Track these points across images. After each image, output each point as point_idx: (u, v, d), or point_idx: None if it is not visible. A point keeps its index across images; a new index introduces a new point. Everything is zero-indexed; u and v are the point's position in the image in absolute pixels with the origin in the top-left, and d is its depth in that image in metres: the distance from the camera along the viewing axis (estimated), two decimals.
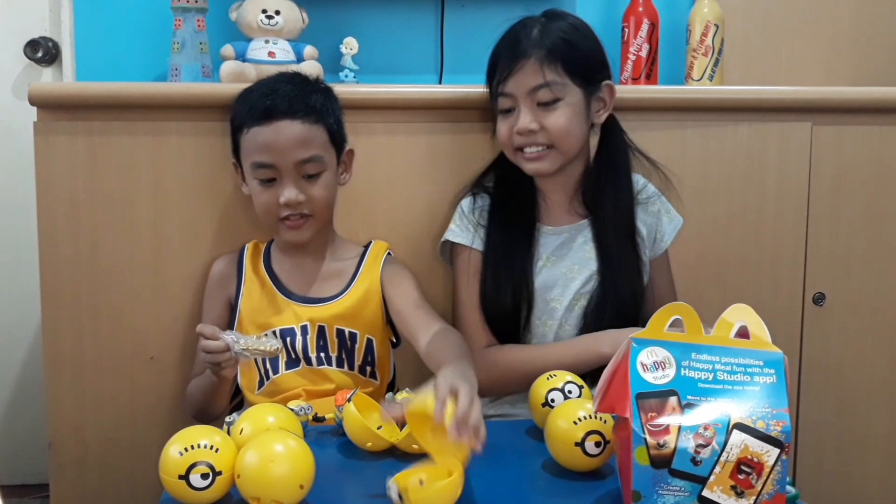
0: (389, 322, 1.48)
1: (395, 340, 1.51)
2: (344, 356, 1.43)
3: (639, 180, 1.53)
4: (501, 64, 1.42)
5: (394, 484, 0.96)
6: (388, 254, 1.51)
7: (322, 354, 1.42)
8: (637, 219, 1.50)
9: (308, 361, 1.42)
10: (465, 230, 1.49)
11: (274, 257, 1.49)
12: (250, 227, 1.53)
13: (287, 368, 1.42)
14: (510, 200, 1.49)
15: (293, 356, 1.42)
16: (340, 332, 1.43)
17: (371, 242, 1.53)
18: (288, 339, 1.42)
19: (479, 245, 1.48)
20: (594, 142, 1.50)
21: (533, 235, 1.48)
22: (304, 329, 1.42)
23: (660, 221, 1.52)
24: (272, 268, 1.48)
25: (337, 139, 1.43)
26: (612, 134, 1.50)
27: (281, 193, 1.37)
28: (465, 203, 1.51)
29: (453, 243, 1.50)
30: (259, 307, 1.44)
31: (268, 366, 1.43)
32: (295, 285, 1.46)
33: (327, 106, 1.42)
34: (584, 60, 1.42)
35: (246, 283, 1.46)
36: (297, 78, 1.45)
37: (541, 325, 1.47)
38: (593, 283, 1.47)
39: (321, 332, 1.42)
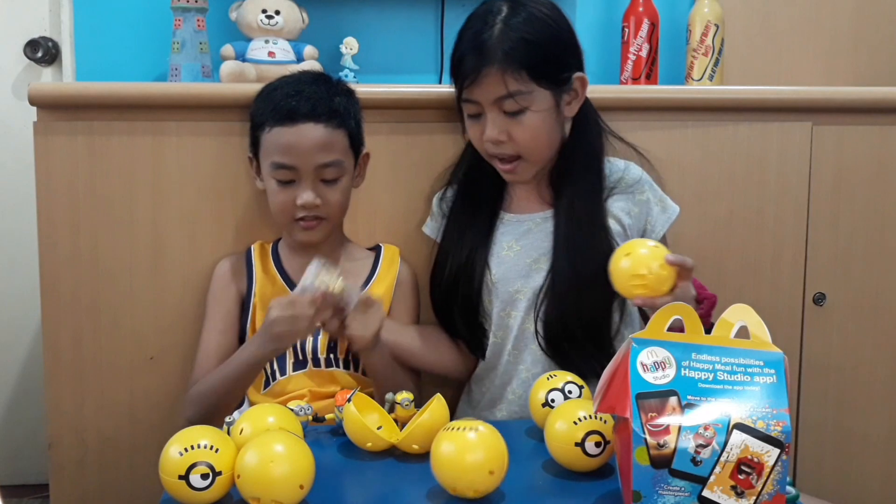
0: None
1: None
2: (351, 357, 1.43)
3: (618, 166, 1.47)
4: (464, 67, 1.36)
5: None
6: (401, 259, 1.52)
7: (332, 356, 1.42)
8: (615, 207, 1.43)
9: (316, 363, 1.42)
10: (434, 222, 1.51)
11: (284, 256, 1.48)
12: (250, 226, 1.53)
13: (294, 370, 1.41)
14: (475, 189, 1.47)
15: (300, 357, 1.42)
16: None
17: (381, 246, 1.53)
18: (298, 339, 1.41)
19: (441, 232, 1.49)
20: (568, 126, 1.45)
21: (493, 223, 1.46)
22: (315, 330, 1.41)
23: (649, 211, 1.45)
24: (283, 267, 1.47)
25: (356, 143, 1.43)
26: (584, 119, 1.44)
27: (298, 195, 1.37)
28: (437, 196, 1.52)
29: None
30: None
31: (274, 367, 1.42)
32: None
33: (349, 109, 1.42)
34: (549, 61, 1.35)
35: (257, 282, 1.46)
36: (322, 79, 1.45)
37: (505, 315, 1.44)
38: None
39: None
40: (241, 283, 1.47)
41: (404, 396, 1.17)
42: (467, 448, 0.97)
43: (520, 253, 1.44)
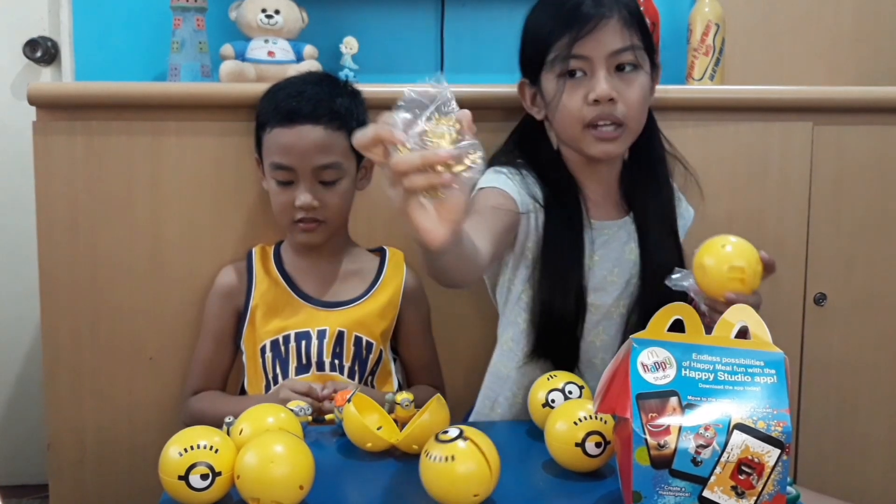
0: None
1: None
2: (357, 367, 1.42)
3: None
4: (580, 15, 1.24)
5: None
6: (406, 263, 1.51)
7: (336, 361, 1.41)
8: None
9: (320, 367, 1.41)
10: (513, 183, 1.29)
11: (286, 259, 1.48)
12: (251, 226, 1.53)
13: (297, 374, 1.41)
14: (551, 189, 1.32)
15: (304, 361, 1.41)
16: (358, 341, 1.41)
17: (385, 249, 1.52)
18: (303, 342, 1.40)
19: (525, 208, 1.28)
20: None
21: (582, 231, 1.32)
22: (321, 333, 1.41)
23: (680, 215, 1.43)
24: (285, 269, 1.46)
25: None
26: (650, 122, 1.38)
27: (296, 197, 1.37)
28: (506, 169, 1.31)
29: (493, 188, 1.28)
30: (273, 308, 1.43)
31: (277, 371, 1.41)
32: (310, 287, 1.45)
33: (352, 111, 1.41)
34: (649, 36, 1.31)
35: (257, 287, 1.44)
36: (326, 80, 1.45)
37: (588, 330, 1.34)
38: (633, 287, 1.35)
39: (339, 338, 1.41)
40: (239, 295, 1.45)
41: (404, 397, 1.16)
42: (454, 476, 0.94)
43: (599, 262, 1.34)
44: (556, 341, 1.33)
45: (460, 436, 0.95)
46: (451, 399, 1.18)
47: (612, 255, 1.36)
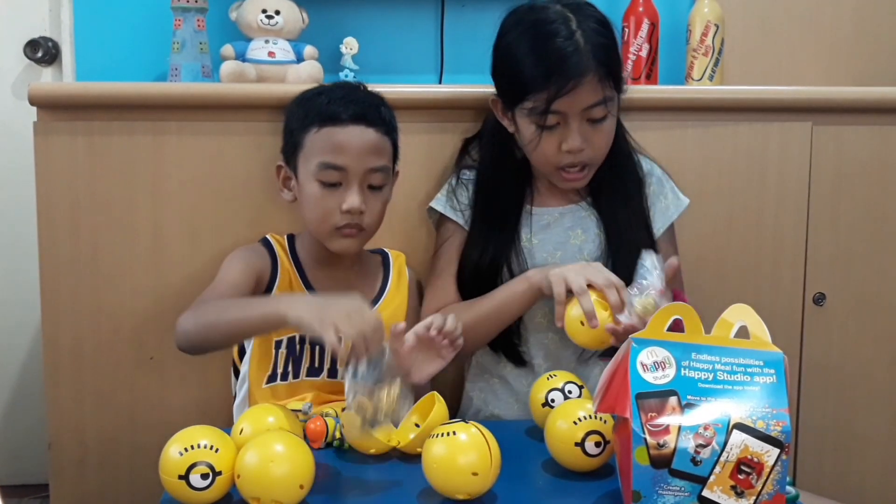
0: None
1: None
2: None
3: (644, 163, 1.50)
4: (558, 79, 1.30)
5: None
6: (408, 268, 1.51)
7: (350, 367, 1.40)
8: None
9: (332, 374, 1.39)
10: (452, 206, 1.47)
11: (304, 260, 1.44)
12: (251, 226, 1.52)
13: (308, 375, 1.40)
14: (499, 184, 1.46)
15: (317, 364, 1.40)
16: None
17: (387, 252, 1.52)
18: (317, 347, 1.39)
19: (463, 223, 1.46)
20: None
21: (519, 218, 1.45)
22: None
23: (654, 204, 1.49)
24: (304, 271, 1.43)
25: (396, 156, 1.42)
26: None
27: (344, 200, 1.33)
28: (453, 179, 1.49)
29: (440, 214, 1.49)
30: None
31: (288, 368, 1.39)
32: (327, 293, 1.39)
33: (393, 123, 1.41)
34: (620, 64, 1.38)
35: (282, 276, 1.40)
36: (365, 88, 1.44)
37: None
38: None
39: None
40: (264, 274, 1.40)
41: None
42: (455, 451, 0.97)
43: (538, 246, 1.44)
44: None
45: (462, 420, 1.00)
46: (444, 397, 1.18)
47: (553, 238, 1.45)
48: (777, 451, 0.90)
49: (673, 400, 0.92)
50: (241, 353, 1.43)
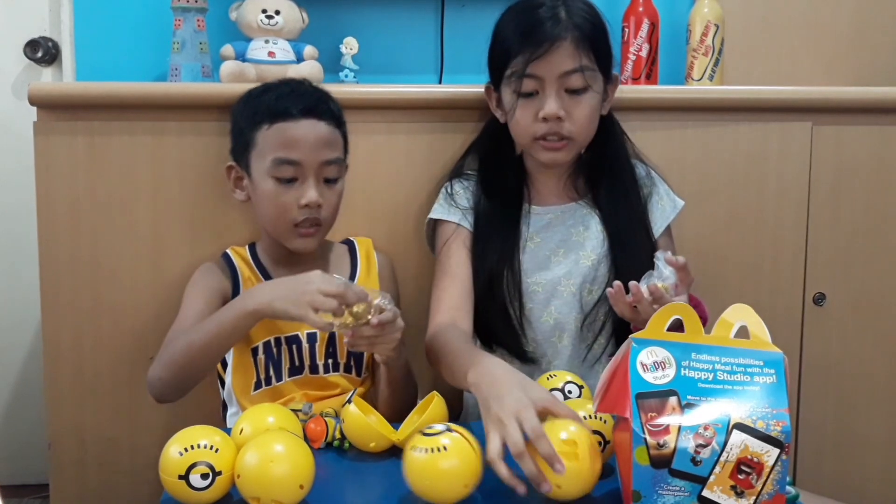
0: None
1: None
2: (353, 363, 1.41)
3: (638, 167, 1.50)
4: (533, 38, 1.32)
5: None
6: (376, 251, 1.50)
7: (330, 361, 1.40)
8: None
9: (313, 370, 1.39)
10: (451, 209, 1.45)
11: (266, 263, 1.44)
12: (250, 227, 1.53)
13: (290, 375, 1.39)
14: (498, 183, 1.45)
15: (297, 363, 1.39)
16: None
17: (353, 241, 1.51)
18: (294, 346, 1.39)
19: (467, 224, 1.44)
20: None
21: (519, 217, 1.44)
22: (310, 337, 1.39)
23: (650, 208, 1.48)
24: (267, 273, 1.43)
25: (346, 151, 1.42)
26: (609, 123, 1.46)
27: (302, 194, 1.33)
28: (448, 186, 1.48)
29: (437, 224, 1.47)
30: None
31: (270, 372, 1.39)
32: None
33: (342, 118, 1.42)
34: (606, 50, 1.38)
35: (244, 286, 1.41)
36: (309, 84, 1.43)
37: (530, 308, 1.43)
38: (584, 268, 1.43)
39: (331, 338, 1.39)
40: (226, 291, 1.41)
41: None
42: (436, 464, 0.95)
43: (540, 245, 1.44)
44: (498, 314, 1.41)
45: (446, 430, 0.97)
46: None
47: (555, 236, 1.45)
48: (777, 451, 0.90)
49: (673, 400, 0.92)
50: (224, 365, 1.43)
